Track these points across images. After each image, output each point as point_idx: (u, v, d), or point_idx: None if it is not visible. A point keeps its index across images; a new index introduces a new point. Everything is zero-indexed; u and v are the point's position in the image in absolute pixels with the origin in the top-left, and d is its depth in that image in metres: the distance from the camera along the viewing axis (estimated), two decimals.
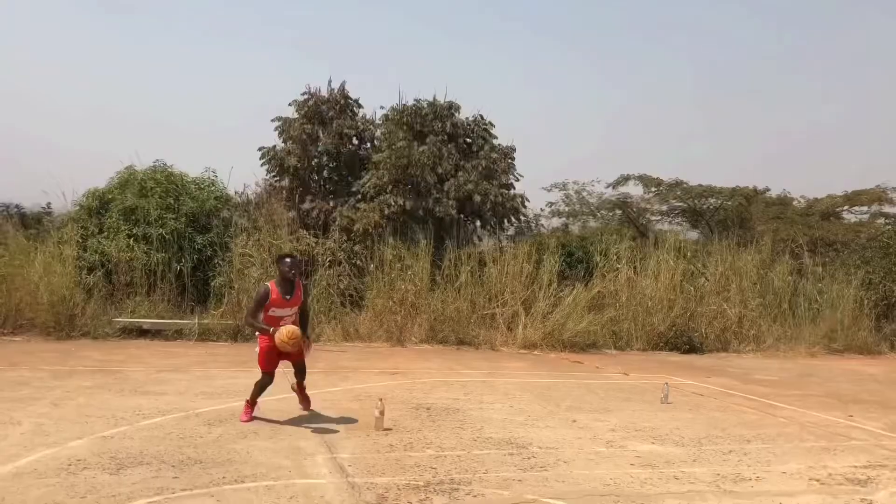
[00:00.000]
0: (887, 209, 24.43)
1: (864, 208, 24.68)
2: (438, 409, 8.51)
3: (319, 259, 16.05)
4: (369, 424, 7.32)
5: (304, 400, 7.91)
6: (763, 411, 9.35)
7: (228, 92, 46.16)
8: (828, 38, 46.91)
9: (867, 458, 7.03)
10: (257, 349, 7.52)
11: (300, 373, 7.74)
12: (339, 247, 16.46)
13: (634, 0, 48.98)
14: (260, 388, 7.53)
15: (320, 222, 17.39)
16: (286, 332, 7.05)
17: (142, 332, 14.01)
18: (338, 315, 15.29)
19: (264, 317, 7.33)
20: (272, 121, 18.57)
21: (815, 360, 15.78)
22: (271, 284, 7.40)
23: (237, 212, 17.05)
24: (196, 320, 14.34)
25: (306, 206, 17.69)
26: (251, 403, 7.57)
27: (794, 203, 24.82)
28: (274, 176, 18.55)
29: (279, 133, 18.46)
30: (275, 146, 18.44)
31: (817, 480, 6.13)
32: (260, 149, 18.48)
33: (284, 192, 18.23)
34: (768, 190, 24.87)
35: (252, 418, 7.49)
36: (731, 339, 16.69)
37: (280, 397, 8.54)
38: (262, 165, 18.47)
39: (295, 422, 7.53)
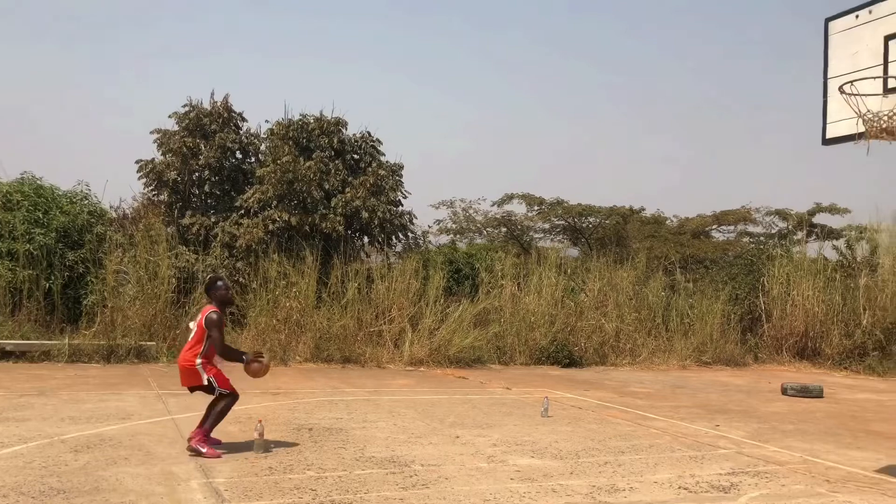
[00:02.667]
0: (752, 228, 26.10)
1: (731, 227, 26.24)
2: (321, 429, 8.40)
3: (199, 276, 15.57)
4: (248, 447, 7.14)
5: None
6: (637, 423, 9.73)
7: (104, 102, 44.21)
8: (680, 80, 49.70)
9: (731, 465, 7.42)
10: (209, 376, 7.03)
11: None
12: (221, 263, 16.05)
13: (507, 20, 50.36)
14: (226, 413, 7.13)
15: (201, 238, 16.89)
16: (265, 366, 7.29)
17: (4, 355, 13.13)
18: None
19: (209, 343, 7.05)
20: (151, 133, 17.99)
21: (687, 372, 16.57)
22: (216, 310, 7.15)
23: (112, 227, 16.36)
24: (66, 341, 13.59)
25: (186, 221, 17.15)
26: (209, 431, 7.05)
27: (668, 222, 26.05)
28: (152, 190, 17.92)
29: (158, 146, 17.85)
30: (153, 159, 17.82)
31: (685, 489, 6.42)
32: (137, 161, 17.84)
33: (163, 206, 17.63)
34: (643, 209, 26.04)
35: (218, 453, 6.92)
36: (608, 352, 17.31)
37: (155, 420, 8.22)
38: (139, 179, 17.84)
39: (169, 445, 7.24)
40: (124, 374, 12.43)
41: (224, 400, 7.13)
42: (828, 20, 7.40)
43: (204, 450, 6.83)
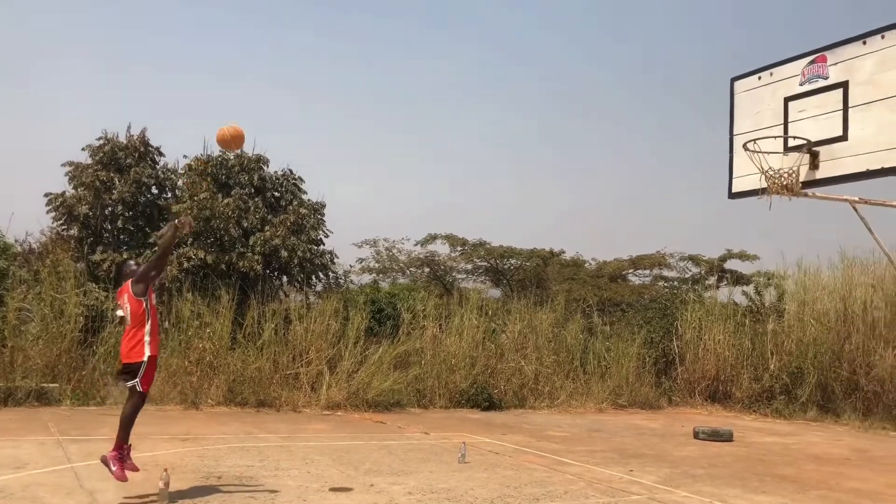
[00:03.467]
0: (666, 273, 26.88)
1: (647, 271, 26.97)
2: (230, 477, 8.11)
3: (109, 315, 14.99)
4: (153, 497, 6.82)
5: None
6: (553, 468, 9.75)
7: (10, 132, 42.54)
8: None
9: None
10: (150, 354, 6.76)
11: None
12: None
13: (435, 63, 51.16)
14: (135, 417, 6.78)
15: (112, 275, 16.30)
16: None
17: None
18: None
19: (152, 306, 6.91)
20: (62, 165, 17.39)
21: (604, 416, 16.78)
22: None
23: (16, 262, 15.65)
24: None
25: (97, 257, 16.56)
26: (123, 445, 6.72)
27: (586, 265, 26.60)
28: (61, 224, 17.27)
29: (69, 179, 17.25)
30: (64, 192, 17.20)
31: None
32: (46, 195, 17.17)
33: (73, 241, 17.01)
34: (563, 252, 26.52)
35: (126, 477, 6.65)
36: (527, 395, 17.39)
37: (53, 469, 7.80)
38: (48, 213, 17.17)
39: (66, 497, 6.86)
40: (22, 418, 11.79)
41: (133, 400, 6.85)
42: (733, 80, 7.76)
43: (114, 468, 6.62)
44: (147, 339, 6.83)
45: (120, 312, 7.12)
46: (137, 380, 6.80)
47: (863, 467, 11.02)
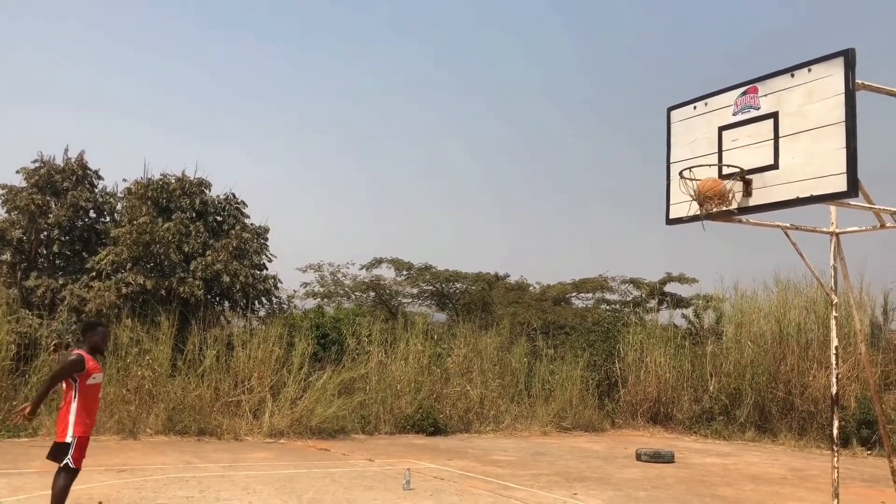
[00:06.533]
0: (609, 296, 27.25)
1: (590, 295, 27.31)
2: None
3: (43, 342, 14.53)
4: None
5: None
6: (498, 493, 9.75)
7: None
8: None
9: None
10: (76, 435, 6.59)
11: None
12: (67, 329, 15.03)
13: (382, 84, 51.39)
14: (68, 488, 6.61)
15: (46, 301, 15.83)
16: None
17: None
18: (61, 405, 13.78)
19: (82, 388, 6.69)
20: None
21: (548, 439, 16.87)
22: (83, 353, 6.78)
23: None
24: None
25: (31, 282, 16.05)
26: None
27: (531, 289, 26.81)
28: None
29: (2, 202, 16.74)
30: None
31: None
32: None
33: (5, 266, 16.47)
34: (508, 276, 26.70)
35: None
36: (473, 419, 17.40)
37: None
38: None
39: None
40: None
41: (65, 475, 6.63)
42: (670, 109, 7.98)
43: None
44: (72, 418, 6.67)
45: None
46: (69, 457, 6.62)
47: (798, 486, 11.30)
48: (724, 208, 7.01)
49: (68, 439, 6.60)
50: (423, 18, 52.01)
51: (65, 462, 6.59)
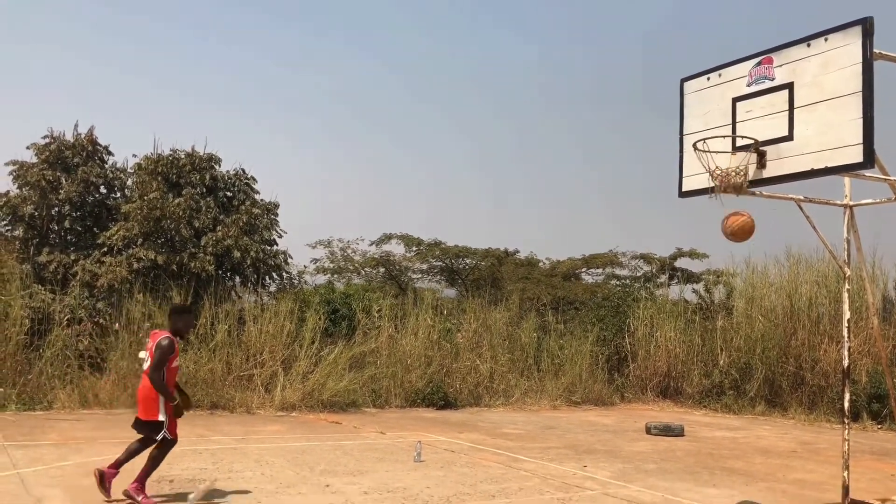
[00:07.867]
0: (618, 271, 27.25)
1: (600, 270, 27.31)
2: (182, 480, 8.00)
3: (56, 317, 14.63)
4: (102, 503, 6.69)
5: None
6: (508, 465, 9.82)
7: None
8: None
9: None
10: (162, 417, 6.84)
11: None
12: (80, 304, 15.13)
13: (393, 60, 51.13)
14: (164, 457, 6.99)
15: (59, 276, 15.92)
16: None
17: None
18: (75, 379, 13.95)
19: (167, 372, 6.91)
20: (6, 164, 16.91)
21: (558, 413, 16.94)
22: (171, 337, 6.99)
23: None
24: None
25: (43, 258, 16.14)
26: (145, 479, 6.85)
27: (540, 264, 26.82)
28: (5, 225, 16.82)
29: (14, 178, 16.79)
30: (8, 192, 16.74)
31: None
32: None
33: (17, 242, 16.56)
34: (518, 251, 26.69)
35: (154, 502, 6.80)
36: (483, 393, 17.47)
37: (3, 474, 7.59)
38: None
39: (11, 502, 6.69)
40: None
41: (163, 446, 6.97)
42: (683, 80, 7.88)
43: (139, 498, 6.71)
44: (162, 399, 6.93)
45: (143, 354, 7.21)
46: (164, 430, 6.90)
47: (808, 459, 11.33)
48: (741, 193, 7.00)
49: (161, 417, 6.87)
50: None
51: (161, 436, 6.89)
